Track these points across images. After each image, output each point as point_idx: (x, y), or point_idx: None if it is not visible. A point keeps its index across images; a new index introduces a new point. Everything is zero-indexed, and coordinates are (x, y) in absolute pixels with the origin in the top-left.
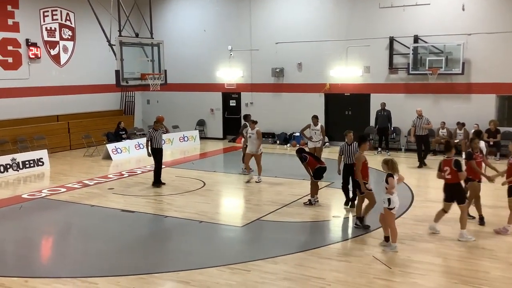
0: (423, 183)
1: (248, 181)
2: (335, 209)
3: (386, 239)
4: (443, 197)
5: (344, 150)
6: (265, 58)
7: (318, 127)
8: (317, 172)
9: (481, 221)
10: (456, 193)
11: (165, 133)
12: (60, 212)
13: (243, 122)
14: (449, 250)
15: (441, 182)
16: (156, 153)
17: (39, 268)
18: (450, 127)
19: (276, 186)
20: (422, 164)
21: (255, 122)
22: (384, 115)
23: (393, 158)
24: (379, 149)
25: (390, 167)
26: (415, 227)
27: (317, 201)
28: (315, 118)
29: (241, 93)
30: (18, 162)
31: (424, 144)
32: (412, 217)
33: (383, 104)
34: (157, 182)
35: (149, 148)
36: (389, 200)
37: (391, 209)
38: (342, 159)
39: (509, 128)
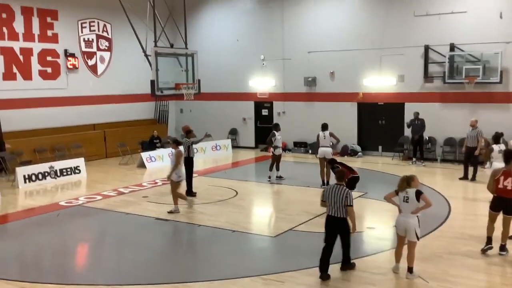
0: (463, 196)
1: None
2: (369, 220)
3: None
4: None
5: (328, 193)
6: (297, 67)
7: (327, 133)
8: (350, 182)
9: None
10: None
11: (193, 142)
12: (96, 219)
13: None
14: (488, 265)
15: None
16: (190, 163)
17: (75, 275)
18: (487, 137)
19: (309, 196)
20: (467, 177)
21: (176, 142)
22: (418, 124)
23: (405, 175)
24: (414, 159)
25: (398, 183)
26: (453, 240)
27: None
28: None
29: (273, 102)
30: (56, 170)
31: (473, 156)
32: (449, 229)
33: (417, 114)
34: (190, 192)
35: (188, 154)
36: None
37: (395, 226)
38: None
39: None
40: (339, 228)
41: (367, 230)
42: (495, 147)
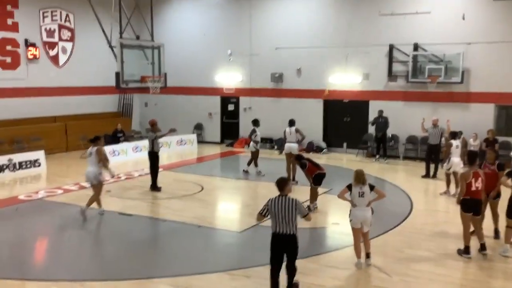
0: (425, 192)
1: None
2: (334, 215)
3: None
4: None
5: (274, 207)
6: (264, 63)
7: (293, 129)
8: (316, 178)
9: (496, 235)
10: None
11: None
12: (56, 214)
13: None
14: (450, 259)
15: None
16: (155, 157)
17: (36, 270)
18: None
19: (275, 192)
20: (429, 174)
21: (93, 141)
22: (382, 122)
23: (361, 169)
24: (377, 156)
25: (353, 178)
26: (414, 236)
27: (316, 207)
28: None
29: (240, 97)
30: (15, 163)
31: (434, 154)
32: (411, 225)
33: (380, 112)
34: (155, 186)
35: (152, 148)
36: (350, 211)
37: (350, 221)
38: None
39: (507, 138)
40: (287, 247)
41: (331, 225)
42: (453, 142)
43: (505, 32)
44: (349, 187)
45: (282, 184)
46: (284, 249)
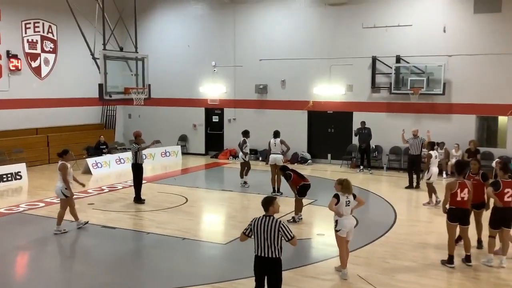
0: (408, 203)
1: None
2: (319, 227)
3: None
4: (493, 223)
5: (257, 227)
6: (248, 74)
7: (278, 140)
8: (301, 189)
9: (479, 244)
10: (511, 217)
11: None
12: (38, 227)
13: (242, 138)
14: (434, 270)
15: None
16: (138, 169)
17: (15, 285)
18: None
19: (259, 203)
20: (412, 185)
21: (61, 155)
22: (365, 133)
23: (347, 178)
24: (361, 167)
25: (344, 187)
26: (399, 246)
27: (301, 218)
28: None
29: (224, 109)
30: None
31: (416, 165)
32: (395, 236)
33: (363, 123)
34: (139, 198)
35: (135, 160)
36: (336, 222)
37: (338, 231)
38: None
39: (488, 148)
40: (269, 271)
41: (316, 236)
42: (432, 153)
43: (485, 44)
44: (336, 197)
45: (267, 203)
46: (266, 273)
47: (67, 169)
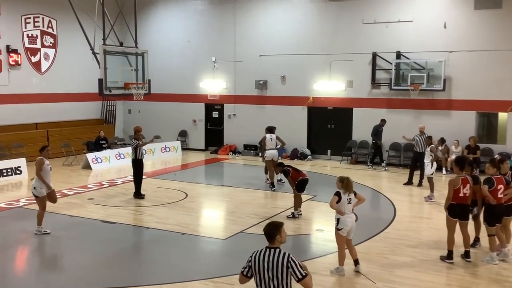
0: (408, 199)
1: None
2: (318, 222)
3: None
4: (489, 221)
5: (259, 264)
6: (248, 70)
7: (274, 136)
8: (299, 184)
9: (476, 242)
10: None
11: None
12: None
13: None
14: (433, 265)
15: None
16: (139, 164)
17: (16, 280)
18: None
19: (259, 199)
20: (411, 182)
21: (40, 151)
22: (381, 131)
23: (348, 177)
24: (383, 164)
25: (345, 186)
26: (398, 242)
27: (301, 214)
28: (269, 129)
29: (224, 104)
30: None
31: (420, 162)
32: (394, 232)
33: (384, 120)
34: (139, 194)
35: (135, 155)
36: (337, 220)
37: (339, 229)
38: None
39: (488, 145)
40: None
41: (316, 232)
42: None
43: (486, 40)
44: (337, 194)
45: (273, 231)
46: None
47: (42, 165)
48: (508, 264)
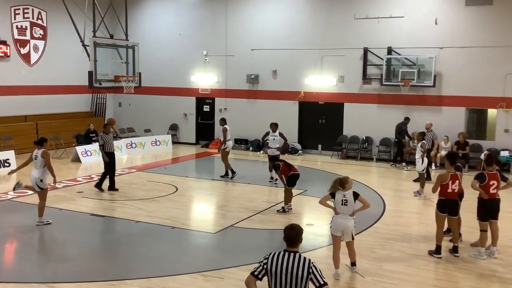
0: (397, 194)
1: None
2: (308, 217)
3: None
4: (482, 216)
5: (276, 267)
6: (240, 64)
7: (277, 133)
8: (290, 179)
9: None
10: (497, 208)
11: (115, 137)
12: (26, 215)
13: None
14: (421, 260)
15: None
16: (109, 157)
17: (4, 272)
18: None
19: (249, 193)
20: (429, 177)
21: (38, 143)
22: (405, 130)
23: (346, 176)
24: (403, 163)
25: (337, 183)
26: (387, 236)
27: (291, 208)
28: (274, 125)
29: (215, 98)
30: None
31: (426, 157)
32: (383, 226)
33: (408, 118)
34: (112, 187)
35: (103, 152)
36: (332, 218)
37: (331, 227)
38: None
39: (477, 141)
40: None
41: (306, 226)
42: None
43: (477, 37)
44: (332, 195)
45: (296, 234)
46: None
47: (49, 158)
48: (495, 259)
